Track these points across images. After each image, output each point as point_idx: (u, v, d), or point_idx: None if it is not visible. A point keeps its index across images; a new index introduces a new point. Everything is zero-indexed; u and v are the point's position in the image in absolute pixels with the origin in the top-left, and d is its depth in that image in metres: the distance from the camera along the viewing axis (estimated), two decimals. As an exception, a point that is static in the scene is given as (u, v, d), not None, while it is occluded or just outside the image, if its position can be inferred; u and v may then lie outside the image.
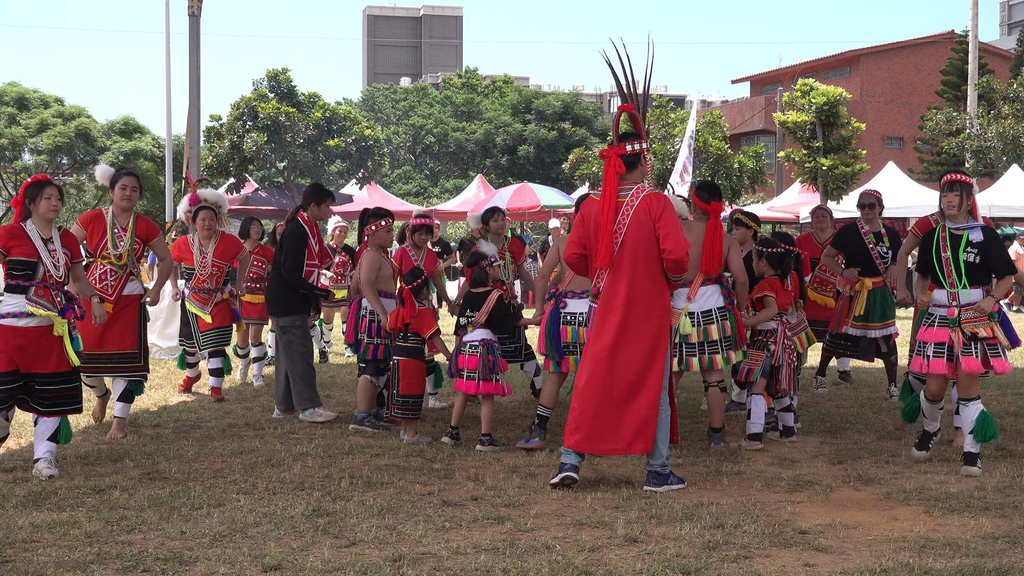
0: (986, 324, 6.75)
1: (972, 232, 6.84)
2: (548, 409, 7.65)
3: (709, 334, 7.46)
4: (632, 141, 6.34)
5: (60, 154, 38.47)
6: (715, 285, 7.55)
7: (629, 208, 6.28)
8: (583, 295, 7.49)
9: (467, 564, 4.85)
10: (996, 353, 6.77)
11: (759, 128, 48.64)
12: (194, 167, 14.59)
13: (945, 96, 42.88)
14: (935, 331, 6.86)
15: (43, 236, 6.73)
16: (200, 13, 14.30)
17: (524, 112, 55.65)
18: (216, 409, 9.35)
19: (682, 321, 7.42)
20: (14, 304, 6.64)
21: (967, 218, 6.89)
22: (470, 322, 7.77)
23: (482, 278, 7.92)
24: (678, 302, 7.47)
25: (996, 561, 4.86)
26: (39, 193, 6.76)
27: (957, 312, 6.79)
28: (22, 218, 6.75)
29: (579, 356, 7.35)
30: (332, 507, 5.85)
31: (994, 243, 6.83)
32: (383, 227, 8.51)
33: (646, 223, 6.24)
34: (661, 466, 6.37)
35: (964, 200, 6.84)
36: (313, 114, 33.31)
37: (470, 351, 7.69)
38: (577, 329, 7.53)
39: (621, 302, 6.28)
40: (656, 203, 6.27)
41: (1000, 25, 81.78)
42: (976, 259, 6.78)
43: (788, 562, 4.91)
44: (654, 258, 6.27)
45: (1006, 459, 7.19)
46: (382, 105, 60.22)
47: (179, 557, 4.92)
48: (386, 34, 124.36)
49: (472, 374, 7.64)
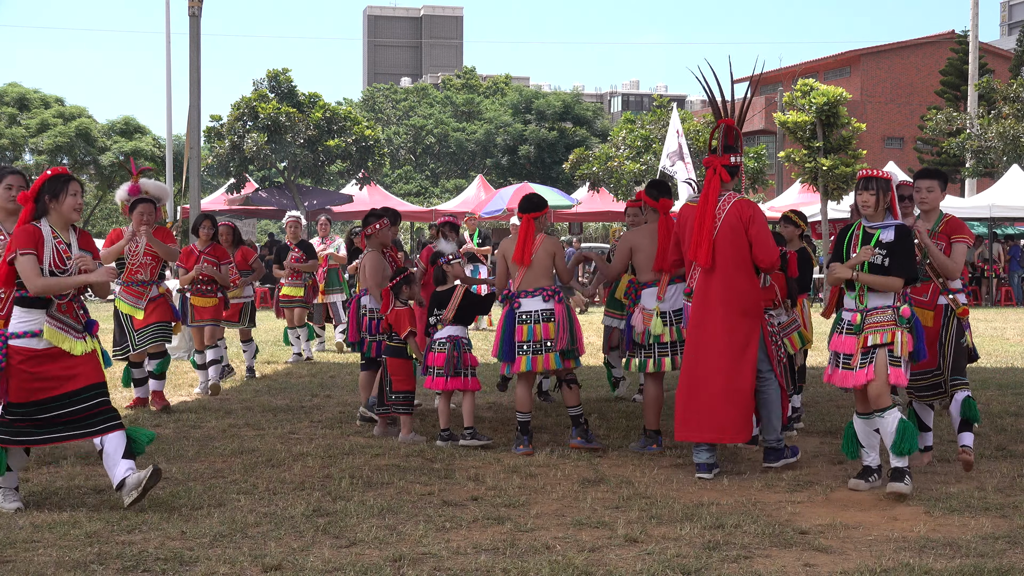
0: (885, 330, 6.20)
1: (884, 232, 6.34)
2: (526, 414, 7.64)
3: (681, 333, 7.48)
4: (735, 153, 6.96)
5: (60, 154, 38.54)
6: (683, 283, 7.58)
7: (721, 212, 6.79)
8: (536, 292, 7.54)
9: (467, 564, 4.85)
10: (894, 362, 6.18)
11: (759, 128, 48.63)
12: (194, 167, 14.57)
13: (945, 96, 42.88)
14: (844, 339, 6.36)
15: (63, 239, 5.87)
16: (200, 13, 14.28)
17: (524, 112, 55.67)
18: (216, 409, 9.35)
19: (654, 322, 7.48)
20: (31, 321, 5.75)
21: (885, 217, 6.41)
22: (439, 320, 7.87)
23: (442, 276, 8.04)
24: (649, 303, 7.53)
25: (996, 561, 4.86)
26: (64, 189, 5.87)
27: (860, 318, 6.29)
28: (34, 216, 5.84)
29: (532, 355, 7.47)
30: (332, 507, 5.85)
31: (903, 243, 6.28)
32: (383, 227, 8.56)
33: (737, 227, 6.77)
34: (776, 440, 6.90)
35: (881, 199, 6.35)
36: (313, 114, 33.27)
37: (438, 348, 7.80)
38: (532, 327, 7.51)
39: (718, 299, 6.76)
40: (747, 209, 6.81)
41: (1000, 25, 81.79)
42: (883, 261, 6.27)
43: (788, 562, 4.91)
44: (743, 257, 6.77)
45: (1006, 459, 7.19)
46: (382, 105, 60.20)
47: (179, 557, 4.92)
48: (386, 34, 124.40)
49: (440, 371, 7.73)
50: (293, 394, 10.40)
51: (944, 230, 6.87)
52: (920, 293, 6.80)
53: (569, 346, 7.57)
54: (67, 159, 39.20)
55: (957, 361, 6.82)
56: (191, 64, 14.21)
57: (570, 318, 7.62)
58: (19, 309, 5.78)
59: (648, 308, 7.54)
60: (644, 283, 7.65)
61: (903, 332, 6.20)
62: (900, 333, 6.19)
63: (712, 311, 6.76)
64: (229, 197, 31.76)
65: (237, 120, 32.71)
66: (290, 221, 13.46)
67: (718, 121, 7.07)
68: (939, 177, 7.02)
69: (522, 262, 7.58)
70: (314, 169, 34.14)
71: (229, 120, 32.95)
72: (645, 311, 7.56)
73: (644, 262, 7.63)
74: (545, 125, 53.85)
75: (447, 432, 7.84)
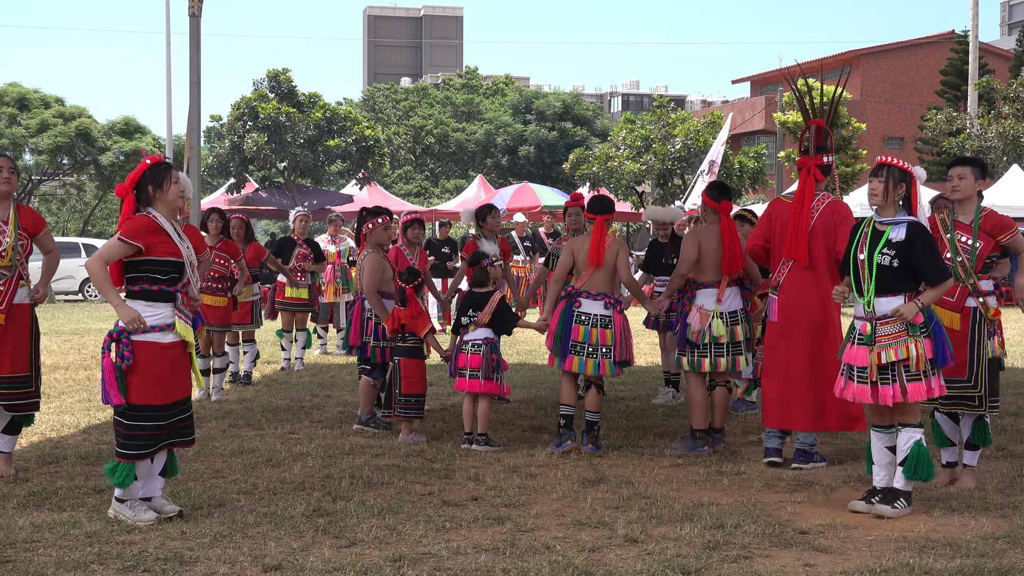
0: (900, 344, 5.66)
1: (895, 229, 5.75)
2: (571, 407, 7.62)
3: (735, 335, 7.53)
4: (828, 154, 7.03)
5: (61, 154, 38.51)
6: (736, 286, 7.63)
7: (815, 211, 6.91)
8: (599, 297, 7.49)
9: (467, 564, 4.85)
10: (914, 377, 5.66)
11: (759, 128, 48.64)
12: (194, 167, 14.55)
13: (945, 96, 42.83)
14: (856, 350, 5.82)
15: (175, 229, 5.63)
16: (200, 13, 14.25)
17: (524, 112, 55.64)
18: (217, 409, 9.34)
19: (714, 323, 7.45)
20: (160, 315, 5.52)
21: (896, 211, 5.85)
22: (472, 321, 7.76)
23: (483, 278, 7.91)
24: (708, 303, 7.50)
25: (996, 561, 4.86)
26: (166, 176, 5.60)
27: (871, 328, 5.74)
28: (136, 207, 5.58)
29: (585, 357, 7.42)
30: (332, 507, 5.85)
31: (920, 243, 5.68)
32: (379, 225, 8.31)
33: (829, 226, 6.90)
34: (810, 445, 6.97)
35: (891, 188, 5.79)
36: (313, 114, 33.28)
37: (472, 350, 7.68)
38: (590, 330, 7.46)
39: (815, 294, 6.89)
40: (839, 209, 6.94)
41: (1000, 25, 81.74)
42: (893, 262, 5.69)
43: (788, 562, 4.91)
44: (831, 254, 6.86)
45: (1006, 459, 7.19)
46: (382, 105, 60.15)
47: (179, 557, 4.92)
48: (386, 34, 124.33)
49: (475, 372, 7.64)
50: (293, 394, 10.39)
51: (984, 227, 6.34)
52: (947, 294, 6.18)
53: (623, 355, 7.55)
54: (67, 159, 39.17)
55: (992, 381, 6.41)
56: (191, 64, 14.19)
57: (626, 328, 7.61)
58: (143, 303, 5.51)
59: (707, 308, 7.50)
60: (701, 283, 7.60)
61: (918, 343, 5.65)
62: (915, 345, 5.64)
63: (811, 305, 6.88)
64: (229, 197, 31.74)
65: (237, 120, 32.73)
66: (299, 215, 12.73)
67: (808, 122, 7.11)
68: (972, 164, 6.47)
69: (596, 263, 7.50)
70: (314, 169, 34.15)
71: (229, 120, 32.98)
72: (703, 311, 7.49)
73: (709, 263, 7.57)
74: (545, 125, 53.82)
75: (471, 435, 7.69)
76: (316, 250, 12.56)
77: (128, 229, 5.46)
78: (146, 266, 5.49)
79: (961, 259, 6.31)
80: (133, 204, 5.55)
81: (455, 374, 7.78)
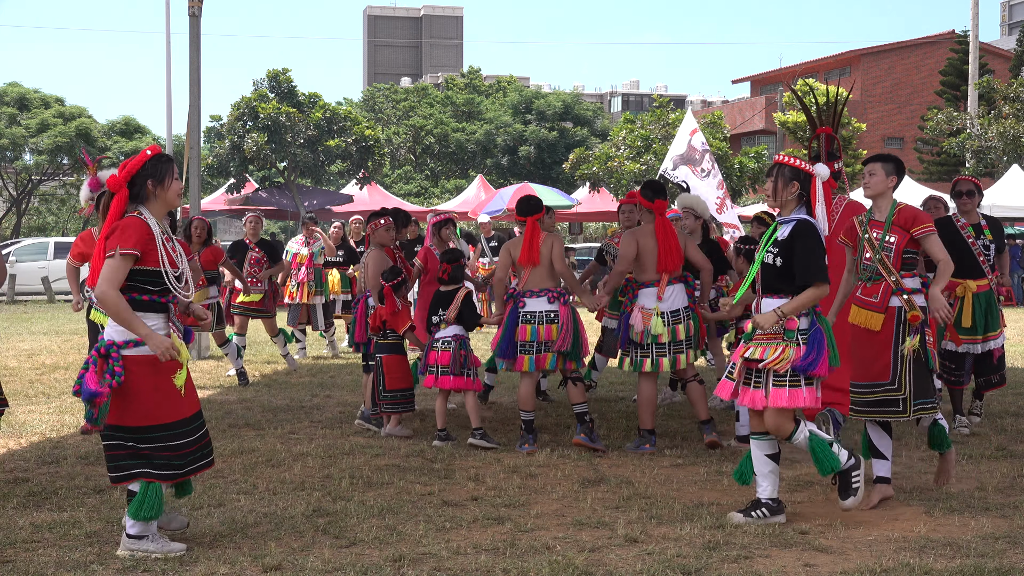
0: (770, 345, 5.42)
1: (783, 227, 5.58)
2: (530, 412, 7.67)
3: (677, 334, 7.54)
4: (837, 160, 7.28)
5: (60, 154, 38.53)
6: (680, 284, 7.63)
7: (834, 214, 6.99)
8: (541, 293, 7.59)
9: (467, 564, 4.85)
10: (779, 382, 5.39)
11: (760, 128, 48.67)
12: (194, 167, 14.54)
13: (945, 96, 42.85)
14: (741, 346, 5.67)
15: (168, 233, 5.09)
16: (200, 13, 14.26)
17: (525, 112, 55.61)
18: (216, 409, 9.34)
19: (654, 321, 7.49)
20: (153, 326, 4.92)
21: (794, 210, 5.61)
22: (442, 320, 7.87)
23: (459, 275, 8.08)
24: (648, 302, 7.52)
25: (996, 561, 4.86)
26: (168, 170, 5.03)
27: (752, 326, 5.58)
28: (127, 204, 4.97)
29: (535, 355, 7.53)
30: (332, 507, 5.85)
31: (799, 241, 5.45)
32: (381, 226, 8.41)
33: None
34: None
35: (781, 188, 5.58)
36: (313, 114, 33.26)
37: (442, 347, 7.80)
38: (536, 328, 7.55)
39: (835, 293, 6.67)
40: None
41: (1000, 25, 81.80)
42: (776, 260, 5.49)
43: (788, 562, 4.91)
44: None
45: (1006, 459, 7.18)
46: (382, 105, 60.13)
47: (179, 557, 4.92)
48: (386, 34, 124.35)
49: (444, 369, 7.74)
50: (293, 394, 10.40)
51: (898, 221, 6.06)
52: (870, 294, 6.02)
53: (571, 347, 7.58)
54: (67, 159, 39.18)
55: (919, 382, 5.90)
56: (191, 64, 14.19)
57: (574, 320, 7.64)
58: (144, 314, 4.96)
59: (647, 308, 7.55)
60: (642, 283, 7.66)
61: (787, 348, 5.37)
62: (784, 349, 5.37)
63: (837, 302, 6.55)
64: (229, 197, 31.75)
65: (237, 120, 32.71)
66: (249, 217, 12.37)
67: (816, 130, 7.17)
68: (884, 160, 6.20)
69: (530, 262, 7.61)
70: (314, 169, 34.14)
71: (229, 120, 32.96)
72: (644, 310, 7.56)
73: (648, 262, 7.63)
74: (545, 125, 53.79)
75: (444, 432, 7.83)
76: (271, 251, 12.12)
77: (125, 241, 4.84)
78: (138, 275, 4.91)
79: (879, 256, 6.01)
80: (124, 200, 4.94)
81: (424, 372, 7.88)
